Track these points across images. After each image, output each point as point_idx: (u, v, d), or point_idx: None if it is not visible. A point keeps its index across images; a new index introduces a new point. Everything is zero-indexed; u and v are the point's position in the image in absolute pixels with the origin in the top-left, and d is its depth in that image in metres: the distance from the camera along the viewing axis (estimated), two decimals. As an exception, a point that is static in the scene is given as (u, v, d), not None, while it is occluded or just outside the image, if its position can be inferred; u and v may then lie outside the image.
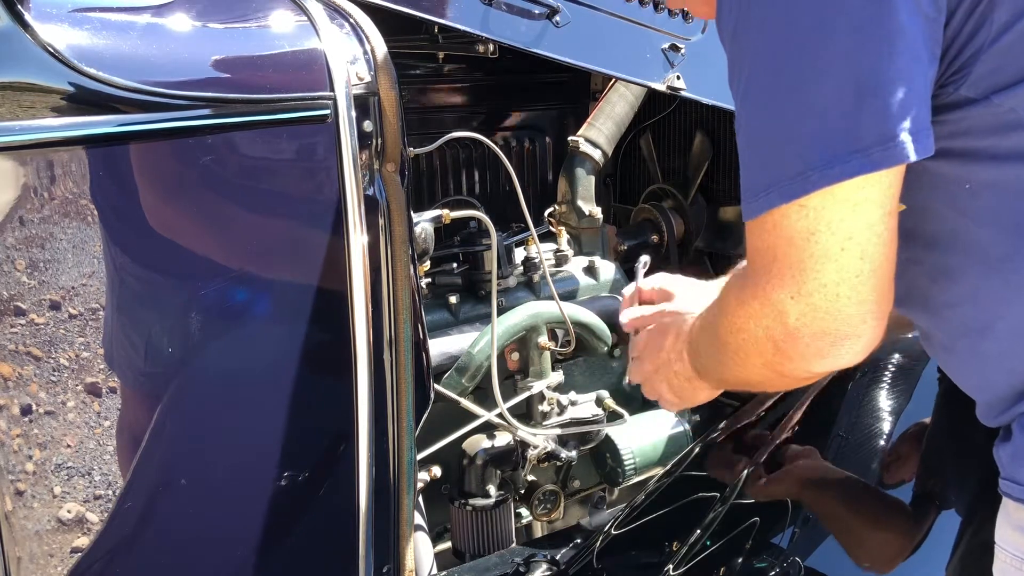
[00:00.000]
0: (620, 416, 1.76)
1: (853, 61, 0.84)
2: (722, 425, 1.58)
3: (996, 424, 1.04)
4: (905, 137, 0.85)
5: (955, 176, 0.94)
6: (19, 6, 1.04)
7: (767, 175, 0.89)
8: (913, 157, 0.85)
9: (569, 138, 2.21)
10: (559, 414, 1.83)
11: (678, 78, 1.83)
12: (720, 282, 1.24)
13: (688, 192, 2.44)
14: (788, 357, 0.94)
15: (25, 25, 1.05)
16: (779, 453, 1.41)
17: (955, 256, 0.98)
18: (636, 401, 1.98)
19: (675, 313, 1.29)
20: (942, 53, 0.89)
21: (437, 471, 1.65)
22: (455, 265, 1.90)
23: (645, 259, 1.48)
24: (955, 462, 1.32)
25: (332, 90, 1.22)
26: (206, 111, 1.15)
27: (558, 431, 1.81)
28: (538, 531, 2.00)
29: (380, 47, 1.27)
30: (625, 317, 1.40)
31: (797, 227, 0.88)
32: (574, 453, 1.86)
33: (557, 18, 1.63)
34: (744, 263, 1.02)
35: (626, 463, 1.94)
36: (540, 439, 1.79)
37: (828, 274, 0.88)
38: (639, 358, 1.33)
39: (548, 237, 2.12)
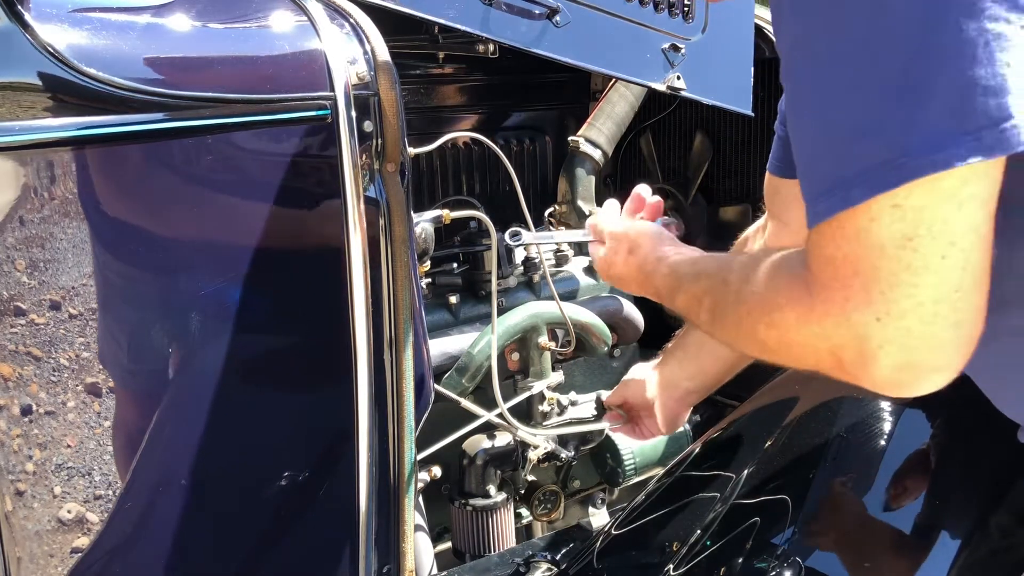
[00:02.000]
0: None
1: (960, 37, 0.71)
2: (723, 425, 1.58)
3: None
4: (1022, 118, 0.70)
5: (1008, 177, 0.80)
6: (19, 6, 1.04)
7: (846, 167, 0.75)
8: None
9: (569, 138, 2.21)
10: (559, 414, 1.83)
11: (678, 78, 1.83)
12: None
13: (688, 192, 2.44)
14: (854, 377, 0.80)
15: (25, 25, 1.05)
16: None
17: (1009, 274, 0.85)
18: (636, 401, 1.98)
19: (640, 235, 1.28)
20: None
21: (437, 471, 1.65)
22: (455, 265, 1.90)
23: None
24: (960, 467, 1.32)
25: (332, 90, 1.22)
26: (206, 111, 1.15)
27: (558, 431, 1.81)
28: (538, 531, 2.00)
29: (380, 47, 1.27)
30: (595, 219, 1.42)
31: (890, 231, 0.73)
32: (574, 453, 1.86)
33: (557, 18, 1.63)
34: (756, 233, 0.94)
35: (626, 463, 1.94)
36: (540, 439, 1.79)
37: (926, 290, 0.73)
38: (607, 259, 1.34)
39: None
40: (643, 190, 1.45)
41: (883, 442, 1.35)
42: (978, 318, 0.76)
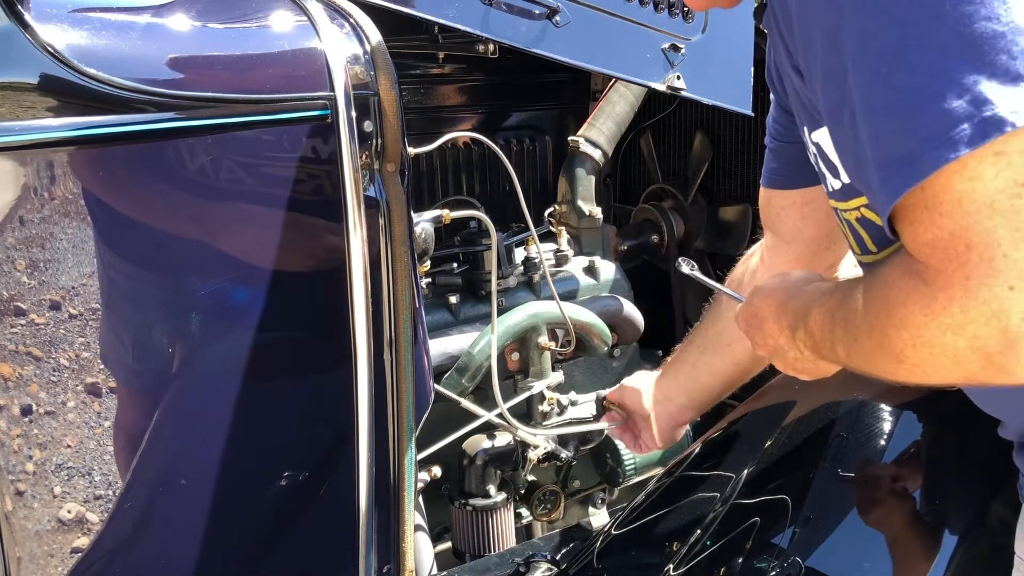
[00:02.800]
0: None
1: None
2: (723, 425, 1.58)
3: (1022, 439, 1.02)
4: None
5: None
6: (19, 6, 1.04)
7: (922, 127, 0.67)
8: None
9: (569, 138, 2.21)
10: (559, 414, 1.83)
11: (678, 78, 1.83)
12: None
13: (688, 192, 2.44)
14: (1008, 372, 0.70)
15: (25, 25, 1.05)
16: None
17: None
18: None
19: (768, 298, 1.08)
20: None
21: (437, 471, 1.65)
22: (455, 265, 1.90)
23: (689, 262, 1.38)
24: (959, 465, 1.32)
25: (332, 90, 1.22)
26: (206, 111, 1.15)
27: (558, 431, 1.81)
28: (538, 531, 2.00)
29: (380, 47, 1.27)
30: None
31: (997, 183, 0.65)
32: (574, 453, 1.86)
33: (557, 18, 1.63)
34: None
35: (626, 463, 1.94)
36: (540, 439, 1.79)
37: None
38: (753, 347, 1.16)
39: (548, 237, 2.12)
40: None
41: (882, 442, 1.35)
42: None
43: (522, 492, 1.91)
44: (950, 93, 0.67)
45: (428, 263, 1.64)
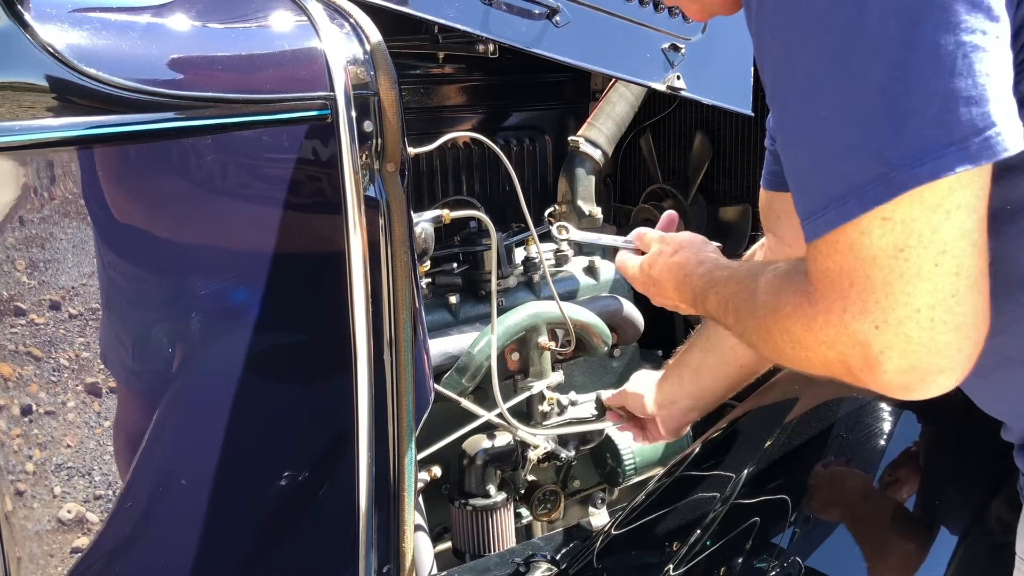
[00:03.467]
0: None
1: (938, 51, 0.73)
2: (723, 425, 1.58)
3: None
4: (1004, 126, 0.73)
5: (996, 195, 0.82)
6: (19, 6, 1.04)
7: (836, 184, 0.77)
8: (1013, 149, 0.74)
9: (569, 138, 2.21)
10: (559, 414, 1.83)
11: (678, 78, 1.83)
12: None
13: (688, 192, 2.44)
14: (864, 383, 0.82)
15: (25, 25, 1.05)
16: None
17: (994, 283, 0.87)
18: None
19: (665, 268, 1.27)
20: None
21: (437, 471, 1.65)
22: (455, 265, 1.90)
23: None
24: (959, 465, 1.32)
25: (332, 90, 1.22)
26: (206, 111, 1.15)
27: (558, 431, 1.81)
28: (538, 531, 2.00)
29: (380, 47, 1.27)
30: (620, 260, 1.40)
31: (881, 244, 0.75)
32: (574, 453, 1.86)
33: (557, 18, 1.63)
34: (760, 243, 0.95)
35: (626, 463, 1.94)
36: (540, 439, 1.79)
37: (921, 297, 0.75)
38: (649, 260, 1.32)
39: (548, 237, 2.12)
40: (673, 215, 1.48)
41: (882, 442, 1.35)
42: (980, 319, 0.78)
43: (522, 492, 1.91)
44: (862, 154, 0.76)
45: (428, 263, 1.64)
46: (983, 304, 0.78)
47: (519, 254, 2.00)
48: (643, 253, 1.37)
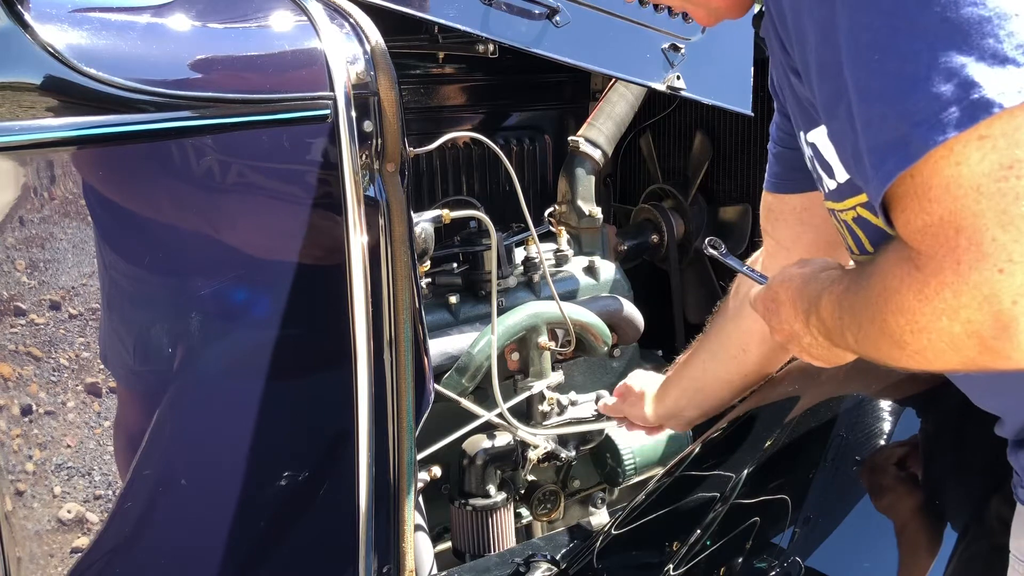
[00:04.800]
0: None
1: None
2: (723, 425, 1.58)
3: (1019, 437, 1.02)
4: None
5: None
6: (19, 6, 1.04)
7: (913, 117, 0.68)
8: None
9: (569, 138, 2.21)
10: (559, 414, 1.83)
11: (678, 78, 1.83)
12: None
13: (688, 192, 2.44)
14: (1004, 356, 0.70)
15: (25, 25, 1.05)
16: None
17: None
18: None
19: (785, 283, 1.06)
20: None
21: (437, 471, 1.65)
22: (455, 265, 1.90)
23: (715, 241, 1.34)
24: (956, 465, 1.32)
25: (332, 90, 1.22)
26: (206, 111, 1.15)
27: (558, 431, 1.81)
28: (538, 531, 2.00)
29: (380, 47, 1.27)
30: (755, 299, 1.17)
31: (983, 167, 0.65)
32: (574, 453, 1.86)
33: (557, 18, 1.63)
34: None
35: (626, 463, 1.94)
36: (540, 439, 1.79)
37: None
38: (770, 332, 1.13)
39: (548, 237, 2.12)
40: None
41: (881, 442, 1.35)
42: None
43: (522, 492, 1.91)
44: (937, 78, 0.67)
45: (428, 263, 1.64)
46: None
47: (519, 254, 2.00)
48: None
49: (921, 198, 0.69)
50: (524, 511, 1.96)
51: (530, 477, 1.92)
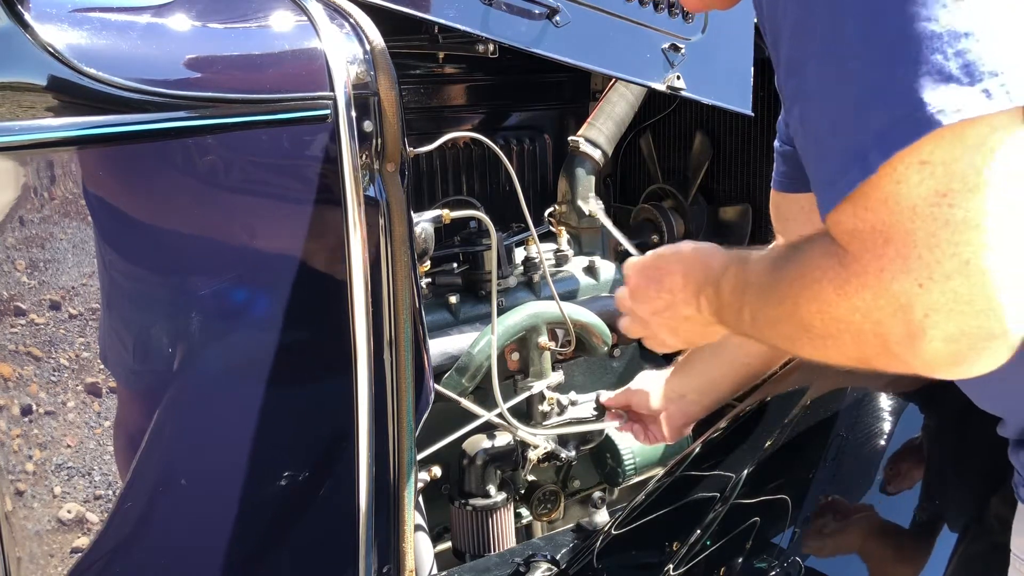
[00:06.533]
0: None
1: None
2: (723, 425, 1.58)
3: (1020, 437, 1.02)
4: None
5: None
6: (19, 6, 1.04)
7: (860, 135, 0.71)
8: None
9: (569, 138, 2.21)
10: (559, 414, 1.83)
11: (678, 78, 1.83)
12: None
13: (688, 192, 2.44)
14: (903, 361, 0.73)
15: (25, 25, 1.05)
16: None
17: None
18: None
19: (678, 254, 1.10)
20: None
21: (437, 471, 1.65)
22: (455, 265, 1.90)
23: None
24: (956, 463, 1.32)
25: (332, 90, 1.22)
26: (206, 111, 1.15)
27: (558, 431, 1.81)
28: (538, 531, 2.00)
29: (380, 47, 1.27)
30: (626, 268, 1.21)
31: (920, 191, 0.68)
32: (574, 453, 1.86)
33: (557, 18, 1.63)
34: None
35: (626, 463, 1.94)
36: (540, 439, 1.79)
37: (970, 247, 0.67)
38: (633, 302, 1.16)
39: (548, 237, 2.12)
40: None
41: (882, 442, 1.35)
42: None
43: (522, 492, 1.91)
44: (887, 93, 0.70)
45: (428, 263, 1.64)
46: None
47: (519, 254, 2.00)
48: None
49: (858, 205, 0.72)
50: (524, 511, 1.96)
51: (530, 477, 1.91)
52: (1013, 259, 0.68)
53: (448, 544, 1.90)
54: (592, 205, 2.12)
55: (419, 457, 1.54)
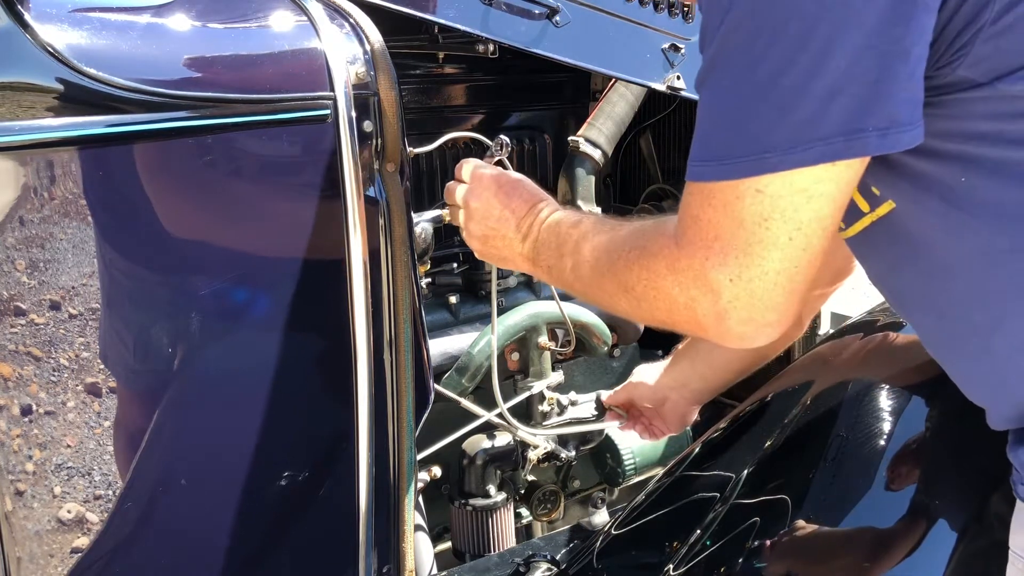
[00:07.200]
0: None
1: (829, 48, 0.82)
2: (723, 425, 1.58)
3: (1011, 427, 1.02)
4: (874, 130, 0.84)
5: (950, 167, 0.90)
6: (19, 6, 1.04)
7: (724, 145, 0.88)
8: (876, 151, 0.85)
9: (569, 138, 2.21)
10: (559, 414, 1.83)
11: (678, 78, 1.83)
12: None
13: (688, 192, 2.44)
14: (703, 328, 0.94)
15: (25, 25, 1.05)
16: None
17: (953, 252, 0.94)
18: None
19: (534, 187, 1.31)
20: (938, 34, 0.85)
21: (437, 471, 1.65)
22: (455, 265, 1.90)
23: (503, 140, 1.44)
24: (956, 462, 1.32)
25: (332, 90, 1.22)
26: (206, 111, 1.15)
27: (558, 431, 1.81)
28: (538, 531, 2.00)
29: (380, 47, 1.27)
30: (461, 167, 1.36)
31: (750, 211, 0.87)
32: (574, 453, 1.86)
33: (557, 18, 1.63)
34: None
35: (626, 463, 1.94)
36: (540, 439, 1.79)
37: (772, 262, 0.88)
38: (470, 199, 1.32)
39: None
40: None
41: (882, 441, 1.35)
42: (806, 288, 0.91)
43: (522, 492, 1.91)
44: (750, 131, 0.86)
45: (428, 263, 1.64)
46: (811, 278, 0.91)
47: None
48: None
49: (706, 198, 0.90)
50: (524, 511, 1.96)
51: (530, 477, 1.91)
52: (798, 276, 0.89)
53: (448, 544, 1.90)
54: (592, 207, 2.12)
55: (419, 457, 1.54)
